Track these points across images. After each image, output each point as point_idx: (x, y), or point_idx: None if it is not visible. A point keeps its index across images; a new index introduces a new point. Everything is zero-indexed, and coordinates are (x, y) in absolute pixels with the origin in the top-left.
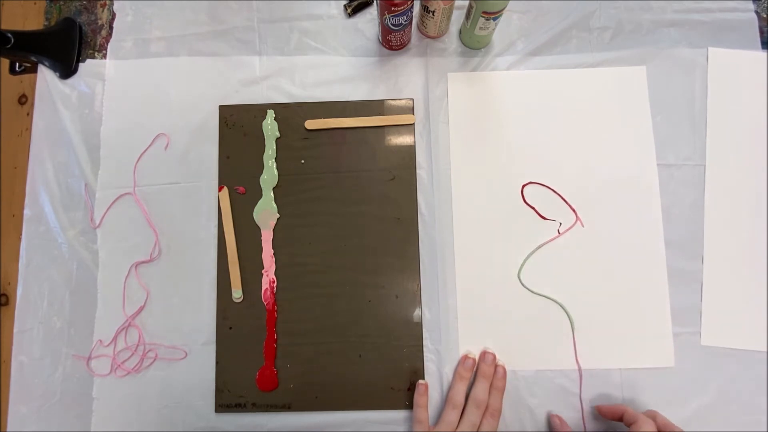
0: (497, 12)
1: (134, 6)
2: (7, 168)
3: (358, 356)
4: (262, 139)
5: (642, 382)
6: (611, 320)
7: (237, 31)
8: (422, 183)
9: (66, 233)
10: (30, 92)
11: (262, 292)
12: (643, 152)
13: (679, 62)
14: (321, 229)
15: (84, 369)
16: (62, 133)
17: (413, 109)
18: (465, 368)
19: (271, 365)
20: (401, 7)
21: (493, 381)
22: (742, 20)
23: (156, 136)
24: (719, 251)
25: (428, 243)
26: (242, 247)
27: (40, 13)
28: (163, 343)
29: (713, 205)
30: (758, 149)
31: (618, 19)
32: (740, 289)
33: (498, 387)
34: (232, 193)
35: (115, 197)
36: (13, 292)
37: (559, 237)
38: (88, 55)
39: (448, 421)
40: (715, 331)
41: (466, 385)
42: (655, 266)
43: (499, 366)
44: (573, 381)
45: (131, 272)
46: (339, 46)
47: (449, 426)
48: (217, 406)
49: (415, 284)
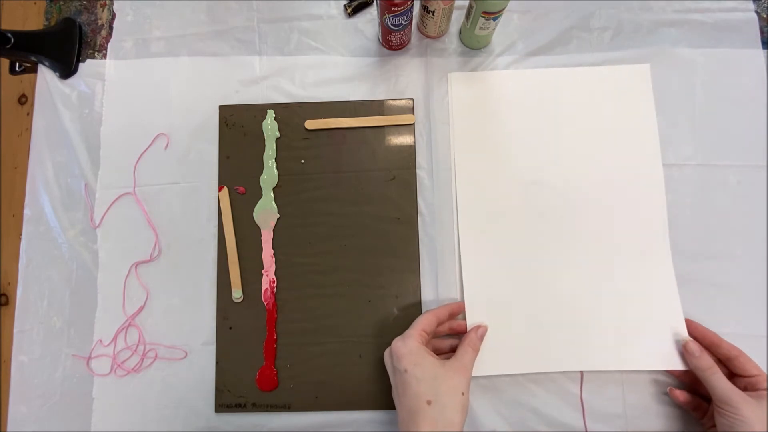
0: (497, 12)
1: (134, 6)
2: (7, 168)
3: (358, 356)
4: (262, 139)
5: (644, 383)
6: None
7: (237, 31)
8: (422, 183)
9: (66, 233)
10: (30, 92)
11: (262, 292)
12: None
13: (679, 62)
14: (321, 229)
15: (84, 369)
16: (62, 133)
17: (413, 109)
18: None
19: (271, 365)
20: (401, 7)
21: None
22: (742, 20)
23: (156, 136)
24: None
25: (428, 243)
26: (242, 247)
27: (40, 13)
28: (163, 343)
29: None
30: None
31: (618, 19)
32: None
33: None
34: (232, 193)
35: (115, 197)
36: (13, 292)
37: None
38: (88, 55)
39: None
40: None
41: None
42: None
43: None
44: (574, 381)
45: (131, 272)
46: (339, 46)
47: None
48: (217, 406)
49: (415, 284)
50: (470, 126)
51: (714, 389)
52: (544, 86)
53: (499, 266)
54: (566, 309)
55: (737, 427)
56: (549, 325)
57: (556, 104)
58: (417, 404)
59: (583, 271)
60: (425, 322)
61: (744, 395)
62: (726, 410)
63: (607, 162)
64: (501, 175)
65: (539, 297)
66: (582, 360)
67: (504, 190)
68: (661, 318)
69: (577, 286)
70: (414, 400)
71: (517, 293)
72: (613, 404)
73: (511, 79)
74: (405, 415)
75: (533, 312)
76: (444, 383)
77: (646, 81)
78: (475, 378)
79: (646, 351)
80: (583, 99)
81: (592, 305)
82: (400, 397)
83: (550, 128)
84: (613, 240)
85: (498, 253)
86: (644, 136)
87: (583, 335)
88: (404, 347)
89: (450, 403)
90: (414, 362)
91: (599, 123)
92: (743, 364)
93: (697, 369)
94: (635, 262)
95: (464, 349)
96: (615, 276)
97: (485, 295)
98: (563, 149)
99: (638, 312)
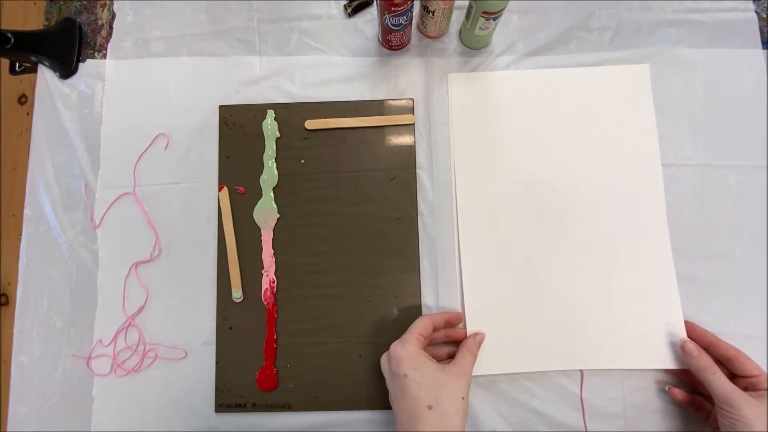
0: (497, 12)
1: (134, 6)
2: (7, 168)
3: (358, 356)
4: (262, 139)
5: (644, 383)
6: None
7: (237, 31)
8: (422, 183)
9: (66, 233)
10: (30, 92)
11: (262, 292)
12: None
13: (679, 62)
14: (321, 229)
15: (84, 369)
16: (62, 133)
17: (413, 109)
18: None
19: (271, 365)
20: (401, 7)
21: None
22: (742, 20)
23: (156, 136)
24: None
25: (428, 243)
26: (242, 247)
27: (40, 13)
28: (163, 343)
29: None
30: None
31: (618, 19)
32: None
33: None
34: (232, 193)
35: (115, 197)
36: (13, 292)
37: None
38: (88, 55)
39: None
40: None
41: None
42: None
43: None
44: (574, 381)
45: (131, 272)
46: (339, 46)
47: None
48: (217, 406)
49: (415, 284)
50: (470, 126)
51: (714, 389)
52: (544, 86)
53: (498, 266)
54: (566, 308)
55: (738, 428)
56: (548, 324)
57: (556, 104)
58: (417, 409)
59: (583, 271)
60: (422, 326)
61: (745, 395)
62: (727, 410)
63: (606, 162)
64: (501, 175)
65: (539, 296)
66: (582, 359)
67: (504, 190)
68: (661, 317)
69: (576, 286)
70: (414, 404)
71: (516, 292)
72: (613, 404)
73: (511, 80)
74: (405, 420)
75: (533, 311)
76: (445, 388)
77: (645, 81)
78: (474, 377)
79: (646, 350)
80: (582, 99)
81: (591, 304)
82: (398, 402)
83: (550, 128)
84: (613, 240)
85: (498, 253)
86: (644, 136)
87: (582, 334)
88: (403, 351)
89: (451, 408)
90: (413, 366)
91: (599, 123)
92: (743, 364)
93: (696, 369)
94: (635, 262)
95: (463, 354)
96: (615, 275)
97: (485, 295)
98: (563, 149)
99: (638, 311)
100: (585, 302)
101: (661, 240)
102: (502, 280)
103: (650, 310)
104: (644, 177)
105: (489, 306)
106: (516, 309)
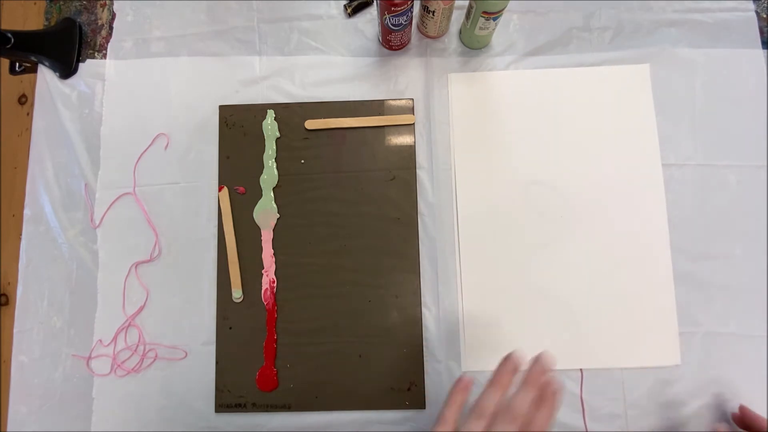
0: (497, 12)
1: (134, 6)
2: (7, 168)
3: (358, 356)
4: (262, 139)
5: (644, 382)
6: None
7: (237, 31)
8: (422, 183)
9: (66, 233)
10: (30, 92)
11: (262, 292)
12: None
13: (679, 62)
14: (321, 229)
15: (84, 369)
16: (62, 133)
17: (413, 109)
18: (506, 371)
19: (271, 365)
20: (401, 7)
21: (543, 392)
22: (742, 20)
23: (156, 136)
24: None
25: (428, 243)
26: (242, 247)
27: (40, 13)
28: (163, 343)
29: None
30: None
31: (618, 19)
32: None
33: (549, 400)
34: (232, 193)
35: (115, 197)
36: (13, 292)
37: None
38: (88, 55)
39: None
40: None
41: (501, 394)
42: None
43: (552, 377)
44: (574, 381)
45: (131, 272)
46: (339, 46)
47: None
48: (217, 406)
49: (415, 284)
50: (470, 126)
51: None
52: (544, 86)
53: (498, 266)
54: (566, 308)
55: None
56: (548, 324)
57: (556, 104)
58: None
59: (583, 270)
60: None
61: None
62: None
63: (606, 162)
64: (501, 175)
65: (539, 296)
66: (581, 358)
67: (504, 190)
68: (661, 316)
69: (576, 285)
70: None
71: (516, 292)
72: (613, 404)
73: (511, 80)
74: None
75: (533, 310)
76: None
77: (645, 81)
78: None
79: (646, 349)
80: (582, 99)
81: (591, 304)
82: None
83: (550, 128)
84: (613, 239)
85: (498, 253)
86: (644, 136)
87: (582, 333)
88: None
89: None
90: None
91: (599, 123)
92: None
93: None
94: (635, 261)
95: None
96: (615, 275)
97: (485, 295)
98: (563, 149)
99: (638, 310)
100: (585, 302)
101: (661, 240)
102: (502, 280)
103: (649, 309)
104: (644, 177)
105: (489, 305)
106: (515, 308)
